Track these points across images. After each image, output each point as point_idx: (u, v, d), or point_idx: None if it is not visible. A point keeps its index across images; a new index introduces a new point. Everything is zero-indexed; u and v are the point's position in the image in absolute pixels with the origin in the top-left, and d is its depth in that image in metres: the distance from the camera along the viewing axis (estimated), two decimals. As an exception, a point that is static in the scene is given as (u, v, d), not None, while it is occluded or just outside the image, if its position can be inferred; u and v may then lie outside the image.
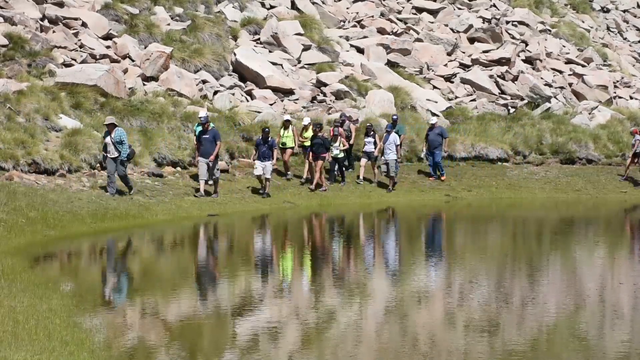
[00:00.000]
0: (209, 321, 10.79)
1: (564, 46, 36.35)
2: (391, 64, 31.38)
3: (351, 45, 32.19)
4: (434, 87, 31.50)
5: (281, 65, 28.54)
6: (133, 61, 25.70)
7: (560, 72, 34.01)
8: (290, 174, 23.56)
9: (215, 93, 26.31)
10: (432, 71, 32.34)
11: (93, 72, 23.23)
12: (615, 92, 33.75)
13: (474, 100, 31.01)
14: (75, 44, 25.08)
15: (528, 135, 28.53)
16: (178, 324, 10.67)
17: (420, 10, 36.27)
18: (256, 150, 21.92)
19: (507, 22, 36.69)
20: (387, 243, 18.36)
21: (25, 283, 11.50)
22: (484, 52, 33.64)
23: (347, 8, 35.00)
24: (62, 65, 23.82)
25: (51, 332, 9.06)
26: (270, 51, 29.24)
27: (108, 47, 25.75)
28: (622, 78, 35.33)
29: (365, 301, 12.12)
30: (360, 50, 31.91)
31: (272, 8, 32.48)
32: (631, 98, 34.03)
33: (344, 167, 24.30)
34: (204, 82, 26.43)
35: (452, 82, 32.04)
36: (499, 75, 32.07)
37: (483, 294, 12.49)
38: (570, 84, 33.35)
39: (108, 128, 19.27)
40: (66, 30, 25.38)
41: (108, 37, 26.25)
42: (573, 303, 12.16)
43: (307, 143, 23.33)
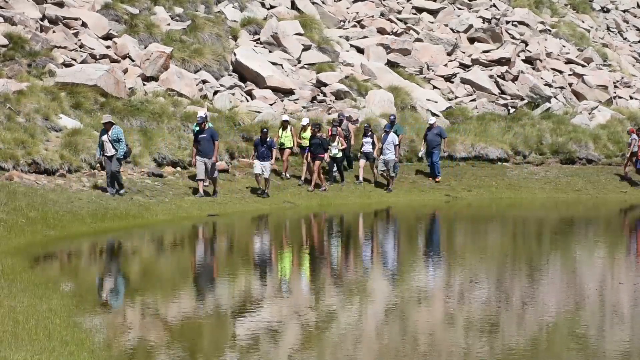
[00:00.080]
0: (209, 321, 10.79)
1: (564, 46, 36.35)
2: (391, 64, 31.38)
3: (351, 45, 32.19)
4: (434, 87, 31.51)
5: (281, 65, 28.54)
6: (133, 61, 25.71)
7: (560, 72, 34.01)
8: (284, 174, 23.48)
9: (215, 93, 26.31)
10: (432, 71, 32.34)
11: (93, 72, 23.24)
12: (615, 92, 33.75)
13: (474, 100, 31.01)
14: (75, 44, 25.09)
15: (528, 135, 28.52)
16: (178, 324, 10.66)
17: (420, 10, 36.27)
18: (255, 150, 21.94)
19: (507, 22, 36.69)
20: (387, 243, 18.36)
21: (25, 283, 11.50)
22: (484, 52, 33.64)
23: (347, 8, 35.00)
24: (62, 65, 23.84)
25: (51, 332, 9.06)
26: (270, 51, 29.24)
27: (108, 47, 25.76)
28: (622, 78, 35.33)
29: (365, 301, 12.12)
30: (360, 50, 31.91)
31: (272, 8, 32.49)
32: (631, 98, 34.03)
33: (344, 167, 24.31)
34: (204, 82, 26.44)
35: (452, 82, 32.04)
36: (499, 75, 32.07)
37: (483, 294, 12.49)
38: (570, 84, 33.35)
39: (105, 127, 19.30)
40: (66, 30, 25.38)
41: (108, 37, 26.26)
42: (573, 303, 12.15)
43: (306, 143, 23.34)
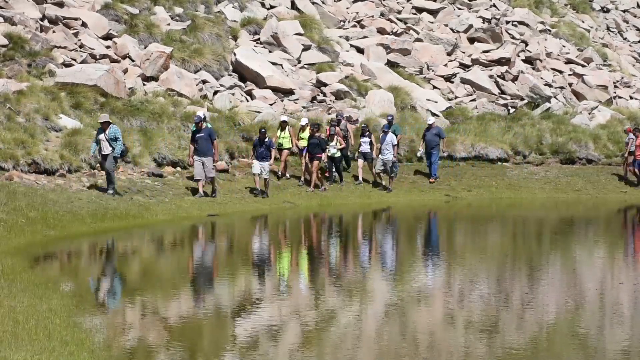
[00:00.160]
0: (209, 321, 10.79)
1: (564, 46, 36.35)
2: (391, 64, 31.38)
3: (351, 45, 32.18)
4: (434, 87, 31.51)
5: (281, 65, 28.54)
6: (133, 61, 25.71)
7: (560, 72, 34.01)
8: (285, 174, 23.47)
9: (215, 93, 26.31)
10: (432, 71, 32.34)
11: (93, 72, 23.24)
12: (615, 92, 33.75)
13: (474, 100, 31.01)
14: (75, 44, 25.09)
15: (528, 135, 28.52)
16: (178, 324, 10.66)
17: (420, 10, 36.26)
18: (254, 151, 21.94)
19: (507, 22, 36.68)
20: (387, 243, 18.36)
21: (25, 283, 11.49)
22: (484, 52, 33.64)
23: (347, 8, 35.00)
24: (62, 65, 23.83)
25: (51, 332, 9.05)
26: (270, 51, 29.24)
27: (108, 47, 25.76)
28: (622, 78, 35.33)
29: (365, 301, 12.12)
30: (360, 50, 31.90)
31: (272, 8, 32.48)
32: (631, 98, 34.03)
33: (342, 168, 24.31)
34: (204, 82, 26.44)
35: (452, 82, 32.04)
36: (499, 75, 32.07)
37: (483, 294, 12.49)
38: (570, 84, 33.35)
39: (102, 126, 19.28)
40: (66, 30, 25.38)
41: (108, 37, 26.26)
42: (573, 302, 12.15)
43: (304, 143, 23.34)
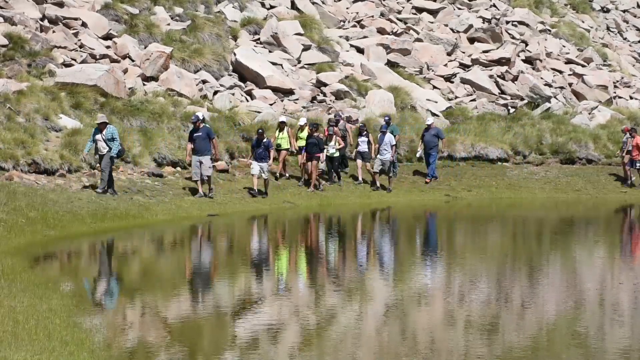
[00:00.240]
0: (209, 321, 10.79)
1: (564, 46, 36.35)
2: (391, 64, 31.38)
3: (351, 45, 32.18)
4: (434, 87, 31.50)
5: (281, 65, 28.54)
6: (133, 61, 25.71)
7: (560, 72, 34.01)
8: (279, 174, 23.45)
9: (215, 93, 26.31)
10: (432, 71, 32.34)
11: (93, 72, 23.24)
12: (615, 92, 33.75)
13: (474, 100, 31.01)
14: (75, 44, 25.09)
15: (528, 135, 28.52)
16: (178, 324, 10.66)
17: (420, 10, 36.26)
18: (252, 151, 21.94)
19: (507, 22, 36.68)
20: (387, 243, 18.36)
21: (25, 283, 11.50)
22: (484, 52, 33.64)
23: (347, 8, 35.00)
24: (62, 65, 23.84)
25: (51, 332, 9.06)
26: (270, 51, 29.24)
27: (108, 47, 25.76)
28: (622, 78, 35.33)
29: (365, 300, 12.12)
30: (360, 50, 31.90)
31: (272, 8, 32.48)
32: (631, 98, 34.03)
33: (340, 168, 24.32)
34: (204, 82, 26.44)
35: (452, 82, 32.04)
36: (499, 75, 32.07)
37: (483, 293, 12.49)
38: (570, 84, 33.35)
39: (99, 127, 19.27)
40: (66, 30, 25.38)
41: (108, 37, 26.26)
42: (573, 302, 12.16)
43: (303, 143, 23.34)
